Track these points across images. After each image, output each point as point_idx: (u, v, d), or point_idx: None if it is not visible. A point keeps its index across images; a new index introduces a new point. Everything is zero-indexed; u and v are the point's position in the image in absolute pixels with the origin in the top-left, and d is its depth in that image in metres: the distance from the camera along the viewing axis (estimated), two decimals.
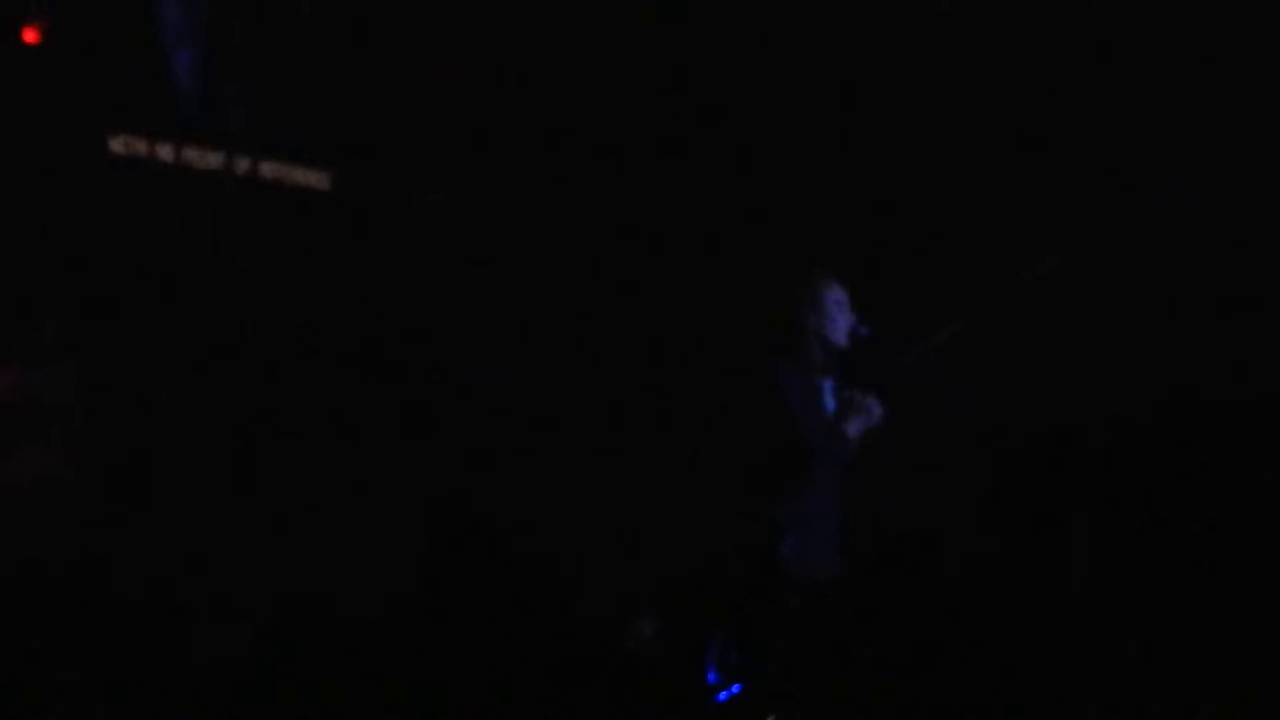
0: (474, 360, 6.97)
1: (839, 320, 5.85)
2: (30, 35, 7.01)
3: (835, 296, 5.88)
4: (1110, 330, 6.75)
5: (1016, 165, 7.07)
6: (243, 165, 7.06)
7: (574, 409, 6.87)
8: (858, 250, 6.51)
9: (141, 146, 6.96)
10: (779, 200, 7.12)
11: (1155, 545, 5.71)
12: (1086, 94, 7.05)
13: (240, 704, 5.81)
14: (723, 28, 7.33)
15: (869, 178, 7.11)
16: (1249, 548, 5.65)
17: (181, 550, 6.49)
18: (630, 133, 7.28)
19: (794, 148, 7.17)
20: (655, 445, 6.67)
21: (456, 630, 6.04)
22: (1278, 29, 6.85)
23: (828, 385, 5.83)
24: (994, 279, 6.78)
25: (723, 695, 5.44)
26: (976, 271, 6.87)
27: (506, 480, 6.67)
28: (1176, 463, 5.98)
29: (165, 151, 6.98)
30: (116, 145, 6.96)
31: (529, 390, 6.91)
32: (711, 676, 5.48)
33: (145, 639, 6.07)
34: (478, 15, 7.43)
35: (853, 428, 5.78)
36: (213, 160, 7.03)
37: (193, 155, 7.00)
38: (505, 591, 6.16)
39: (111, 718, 5.75)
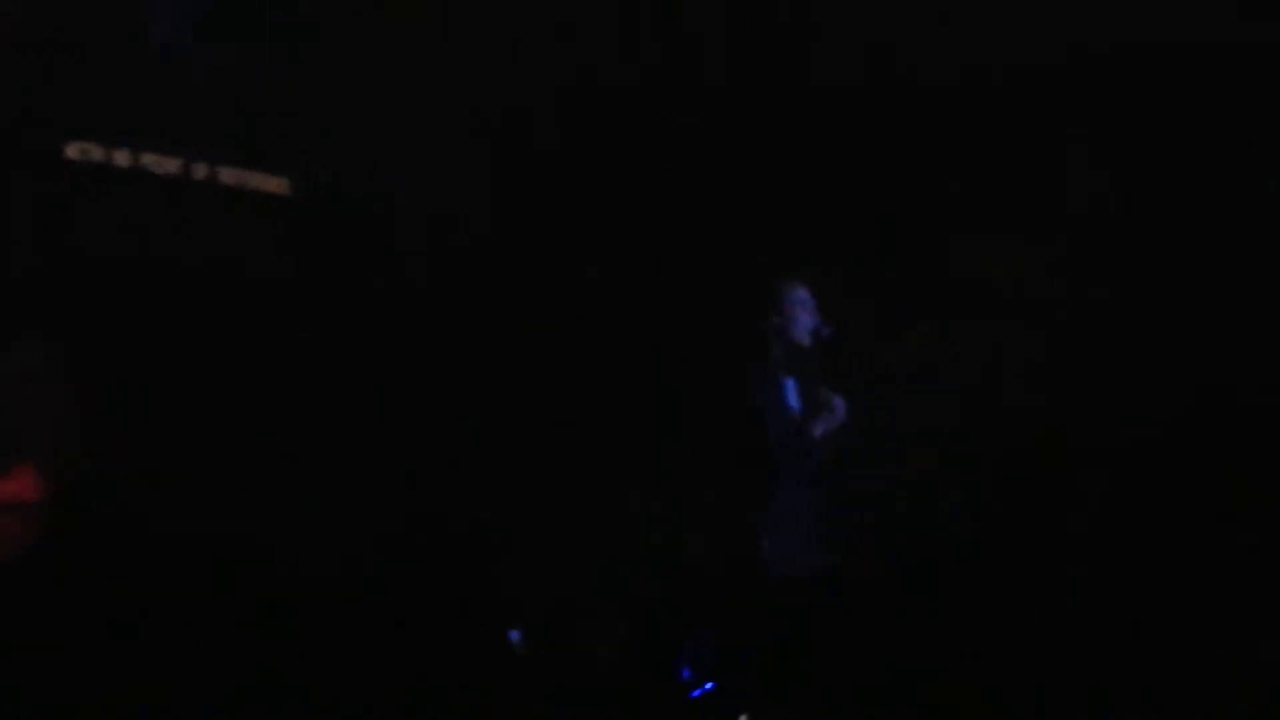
0: (447, 362, 6.97)
1: (801, 319, 5.90)
2: None
3: (798, 296, 5.92)
4: (1100, 328, 6.82)
5: (984, 163, 7.13)
6: (201, 170, 7.03)
7: (546, 412, 6.88)
8: (827, 250, 6.55)
9: (98, 153, 6.92)
10: (742, 201, 7.15)
11: (1154, 545, 5.79)
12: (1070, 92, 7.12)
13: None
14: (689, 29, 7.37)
15: (834, 177, 7.14)
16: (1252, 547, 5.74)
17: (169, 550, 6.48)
18: (597, 136, 7.30)
19: (758, 149, 7.21)
20: (628, 447, 6.70)
21: (423, 630, 6.06)
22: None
23: (790, 384, 5.88)
24: (967, 277, 6.84)
25: (695, 693, 5.49)
26: (950, 270, 6.93)
27: (480, 483, 6.68)
28: (1171, 463, 6.06)
29: (122, 157, 6.93)
30: (72, 152, 6.91)
31: (502, 392, 6.92)
32: (685, 673, 5.52)
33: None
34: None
35: (819, 426, 5.84)
36: (171, 165, 6.98)
37: (151, 160, 6.95)
38: (477, 594, 6.18)
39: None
